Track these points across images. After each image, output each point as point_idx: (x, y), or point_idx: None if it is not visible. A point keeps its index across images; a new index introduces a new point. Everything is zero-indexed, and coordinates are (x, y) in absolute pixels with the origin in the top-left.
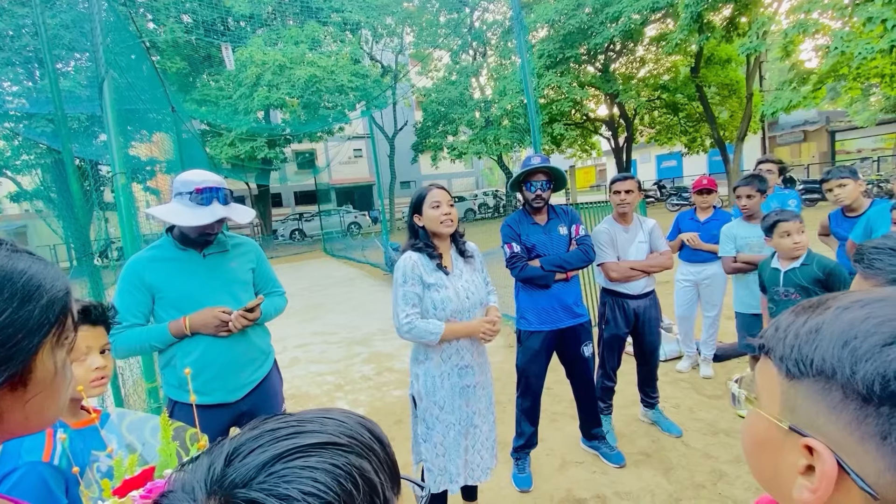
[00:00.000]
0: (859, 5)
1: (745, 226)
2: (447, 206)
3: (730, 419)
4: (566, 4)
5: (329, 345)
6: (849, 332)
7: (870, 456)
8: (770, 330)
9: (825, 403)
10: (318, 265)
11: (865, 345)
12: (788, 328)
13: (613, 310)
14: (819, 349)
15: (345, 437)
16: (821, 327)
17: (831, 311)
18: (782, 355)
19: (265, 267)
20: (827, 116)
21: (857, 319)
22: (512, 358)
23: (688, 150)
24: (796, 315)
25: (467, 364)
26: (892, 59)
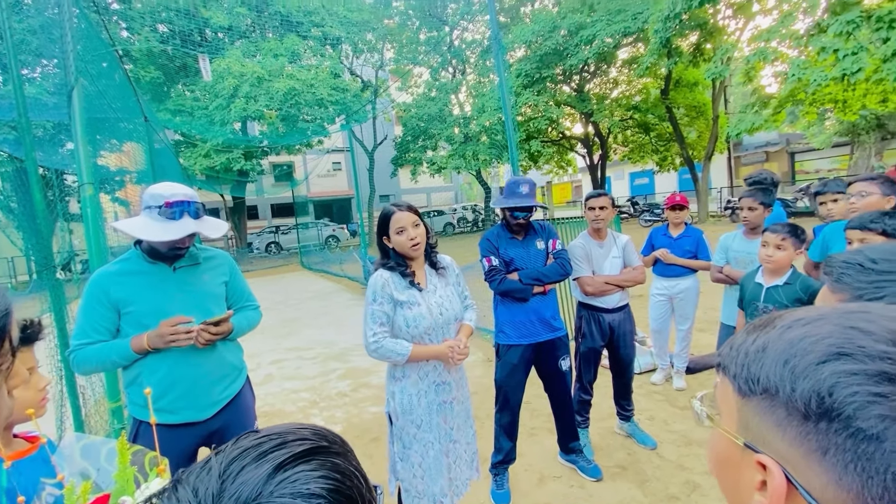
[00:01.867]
0: (814, 36)
1: (741, 240)
2: (412, 228)
3: (702, 431)
4: (542, 26)
5: (304, 360)
6: (789, 351)
7: (814, 471)
8: (725, 348)
9: (772, 420)
10: (295, 279)
11: (802, 363)
12: (741, 347)
13: (589, 323)
14: (764, 367)
15: (326, 441)
16: (767, 346)
17: (776, 329)
18: (735, 373)
19: (238, 280)
20: (787, 138)
21: (796, 338)
22: (490, 372)
23: (659, 168)
24: (748, 333)
25: (444, 380)
26: (843, 87)
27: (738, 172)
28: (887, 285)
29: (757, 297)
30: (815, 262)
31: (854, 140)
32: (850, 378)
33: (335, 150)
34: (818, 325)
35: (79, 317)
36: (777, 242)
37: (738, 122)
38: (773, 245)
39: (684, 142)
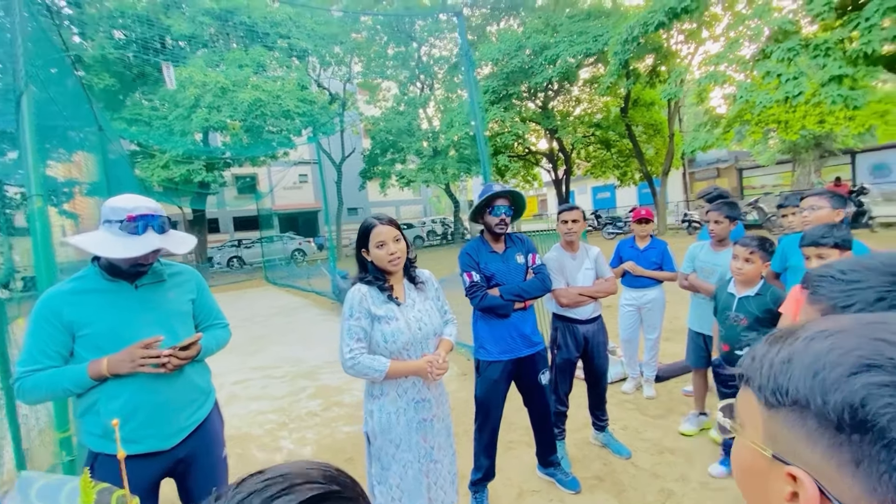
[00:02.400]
0: (759, 61)
1: (708, 251)
2: (393, 243)
3: (673, 438)
4: (508, 45)
5: (272, 379)
6: (817, 363)
7: (846, 482)
8: (747, 359)
9: (803, 432)
10: (259, 294)
11: (833, 375)
12: (763, 358)
13: (564, 335)
14: (792, 379)
15: (336, 484)
16: (792, 357)
17: (800, 341)
18: (760, 385)
19: (206, 297)
20: (735, 156)
21: (823, 350)
22: (466, 386)
23: (620, 183)
24: (770, 345)
25: (424, 397)
26: (785, 108)
27: (692, 187)
28: (856, 293)
29: (729, 307)
30: (775, 273)
31: (795, 158)
32: (881, 389)
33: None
34: (843, 337)
35: (26, 341)
36: (746, 255)
37: (692, 140)
38: (742, 258)
39: (643, 158)
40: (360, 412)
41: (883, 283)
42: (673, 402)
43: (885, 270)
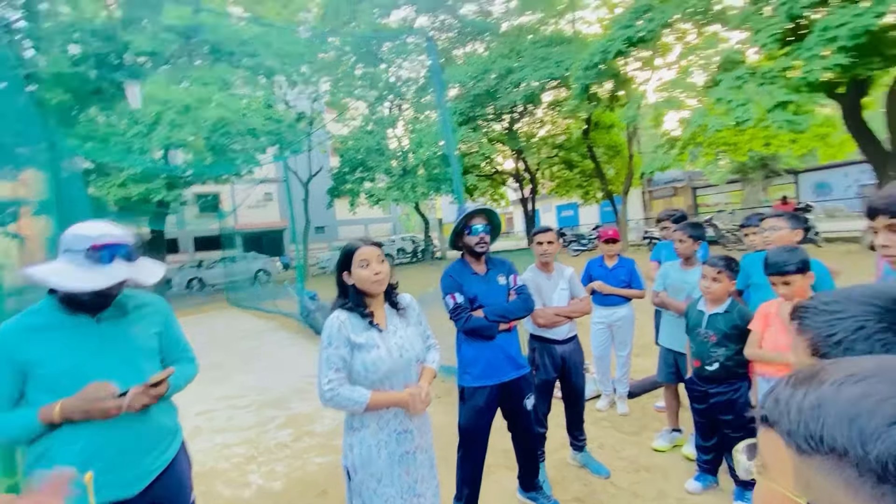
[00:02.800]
0: (710, 88)
1: (678, 270)
2: (377, 263)
3: (648, 455)
4: (475, 69)
5: (237, 410)
6: (852, 410)
7: None
8: (769, 402)
9: (841, 481)
10: (221, 318)
11: (871, 424)
12: (790, 402)
13: (542, 355)
14: (826, 426)
15: None
16: (822, 403)
17: (827, 385)
18: (790, 430)
19: (174, 330)
20: (690, 175)
21: (856, 396)
22: (444, 410)
23: (583, 202)
24: (793, 387)
25: (406, 428)
26: (735, 132)
27: (651, 205)
28: (838, 323)
29: (699, 324)
30: (737, 290)
31: (744, 177)
32: None
33: (267, 180)
34: (874, 384)
35: None
36: (713, 275)
37: (650, 162)
38: (710, 277)
39: (605, 177)
40: (333, 442)
41: (861, 312)
42: (646, 419)
43: (862, 301)
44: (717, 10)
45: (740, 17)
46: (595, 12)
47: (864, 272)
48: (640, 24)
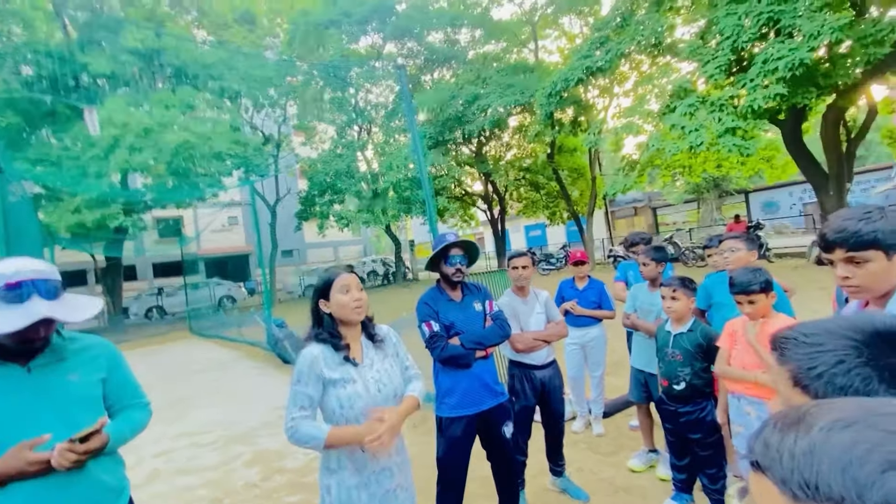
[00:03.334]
0: (665, 115)
1: (645, 292)
2: (357, 290)
3: (625, 476)
4: (443, 95)
5: (200, 448)
6: (845, 458)
7: None
8: (759, 446)
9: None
10: (183, 348)
11: (864, 472)
12: (780, 448)
13: (522, 381)
14: (821, 474)
15: None
16: (814, 450)
17: (816, 430)
18: (784, 478)
19: (122, 373)
20: (649, 196)
21: (847, 443)
22: (418, 441)
23: (550, 222)
24: (782, 432)
25: (384, 466)
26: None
27: (614, 225)
28: (818, 356)
29: (667, 344)
30: (700, 310)
31: (699, 197)
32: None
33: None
34: (862, 431)
35: None
36: (671, 294)
37: (612, 184)
38: (668, 297)
39: (570, 199)
40: (305, 479)
41: (841, 346)
42: (622, 438)
43: (842, 334)
44: (668, 42)
45: (689, 49)
46: (555, 42)
47: (813, 286)
48: (598, 55)
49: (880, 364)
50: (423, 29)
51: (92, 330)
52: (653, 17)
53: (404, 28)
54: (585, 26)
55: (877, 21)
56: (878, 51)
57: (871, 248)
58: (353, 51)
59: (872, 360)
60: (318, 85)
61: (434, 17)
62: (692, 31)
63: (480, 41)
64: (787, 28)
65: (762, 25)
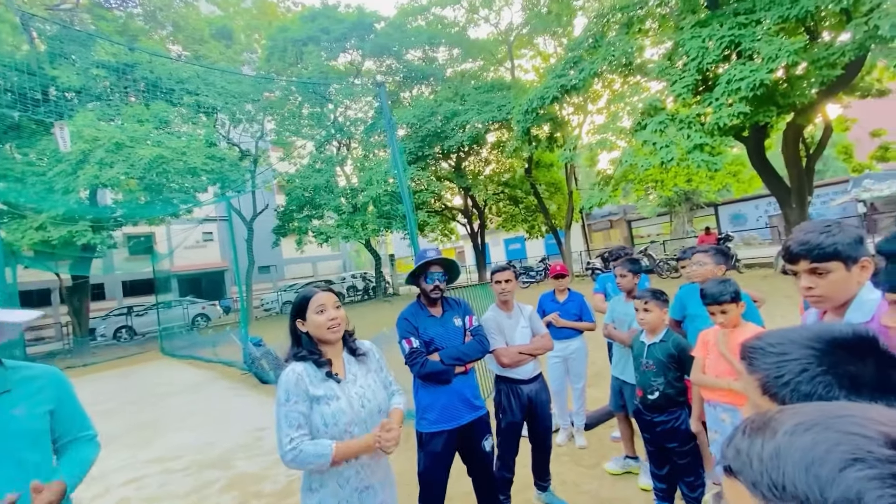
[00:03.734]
0: (637, 131)
1: (622, 303)
2: (333, 309)
3: (608, 487)
4: (422, 111)
5: (172, 474)
6: (807, 458)
7: None
8: (731, 452)
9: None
10: (154, 369)
11: (825, 470)
12: (750, 453)
13: (509, 397)
14: (787, 475)
15: None
16: (779, 453)
17: (781, 434)
18: (754, 481)
19: (70, 404)
20: (624, 209)
21: (808, 445)
22: (401, 458)
23: (529, 235)
24: (750, 438)
25: (368, 484)
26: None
27: (591, 237)
28: (784, 365)
29: (642, 354)
30: (675, 320)
31: (671, 210)
32: (872, 483)
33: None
34: (820, 432)
35: None
36: (643, 307)
37: (588, 198)
38: (641, 309)
39: (548, 212)
40: (285, 501)
41: (804, 355)
42: (604, 450)
43: (805, 344)
44: (638, 63)
45: (657, 69)
46: (531, 61)
47: (779, 294)
48: (572, 74)
49: (839, 372)
50: (402, 47)
51: (54, 353)
52: (623, 39)
53: (383, 46)
54: (559, 46)
55: (829, 45)
56: (830, 73)
57: (832, 259)
58: (331, 67)
59: (832, 368)
60: (297, 100)
61: (412, 36)
62: (660, 52)
63: (458, 59)
64: (748, 51)
65: (724, 48)
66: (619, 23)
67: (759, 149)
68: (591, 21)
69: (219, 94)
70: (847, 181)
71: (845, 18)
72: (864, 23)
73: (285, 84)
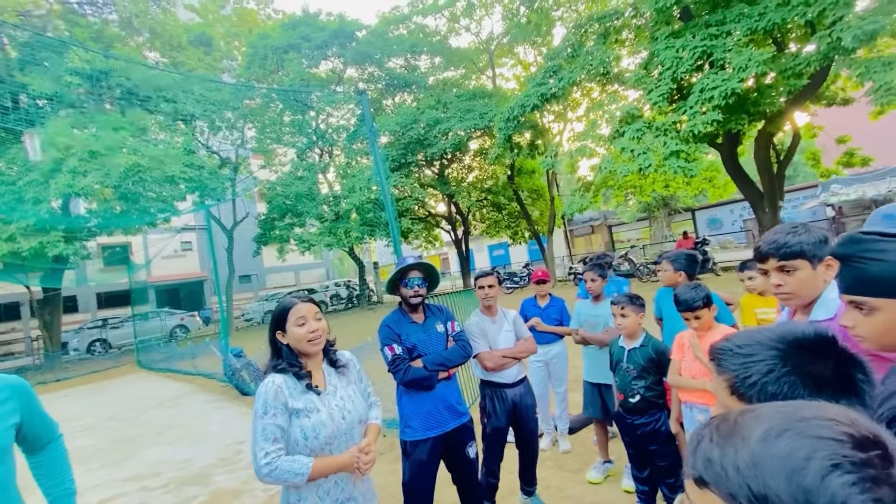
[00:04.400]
0: (615, 139)
1: (589, 306)
2: (314, 321)
3: (593, 492)
4: (405, 118)
5: (150, 492)
6: (787, 467)
7: None
8: (700, 462)
9: None
10: (130, 383)
11: (807, 479)
12: (724, 463)
13: (493, 401)
14: (768, 486)
15: None
16: (756, 462)
17: (753, 441)
18: (732, 493)
19: (37, 413)
20: (605, 215)
21: (785, 453)
22: (385, 469)
23: (512, 241)
24: (720, 446)
25: (349, 496)
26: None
27: (573, 242)
28: (751, 366)
29: (622, 359)
30: (658, 318)
31: (650, 215)
32: (853, 488)
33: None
34: (794, 439)
35: None
36: (620, 312)
37: (569, 204)
38: (618, 315)
39: (530, 218)
40: None
41: (769, 356)
42: (587, 454)
43: (770, 345)
44: (615, 72)
45: (634, 78)
46: (511, 70)
47: None
48: (551, 83)
49: (803, 372)
50: (384, 55)
51: (25, 368)
52: (600, 49)
53: (365, 54)
54: (539, 55)
55: (795, 56)
56: (797, 82)
57: (798, 258)
58: (313, 75)
59: (796, 369)
60: (278, 108)
61: (394, 44)
62: (636, 61)
63: (440, 68)
64: (720, 61)
65: (697, 58)
66: (596, 33)
67: (732, 155)
68: (569, 31)
69: (197, 101)
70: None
71: (810, 30)
72: (828, 34)
73: (266, 91)
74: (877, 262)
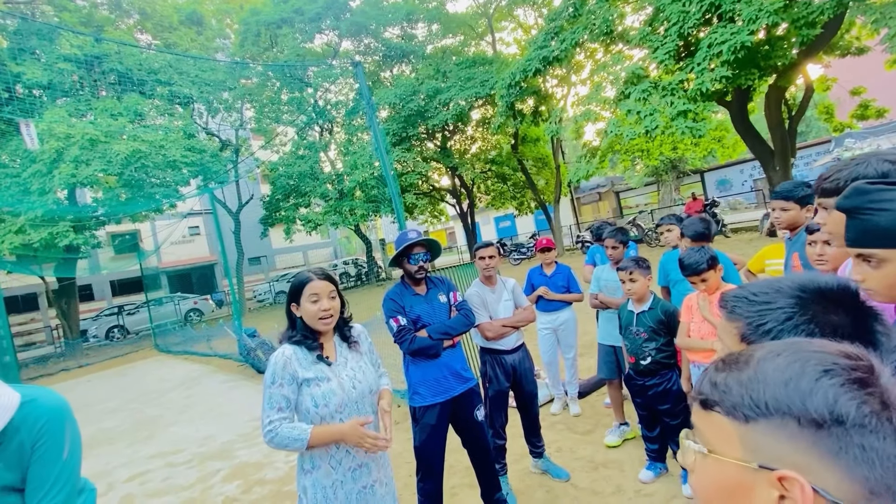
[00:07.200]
0: (620, 101)
1: (609, 271)
2: (327, 299)
3: (603, 451)
4: (404, 90)
5: (175, 467)
6: (785, 375)
7: (829, 471)
8: (705, 387)
9: (784, 435)
10: (150, 366)
11: (802, 383)
12: (728, 381)
13: (493, 367)
14: (768, 392)
15: None
16: (759, 375)
17: (755, 361)
18: (734, 404)
19: (48, 464)
20: (612, 181)
21: (783, 365)
22: (399, 438)
23: (518, 212)
24: (726, 372)
25: (361, 463)
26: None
27: (580, 211)
28: (768, 313)
29: (631, 322)
30: (663, 287)
31: (658, 179)
32: (844, 387)
33: (192, 213)
34: (792, 354)
35: None
36: (627, 277)
37: (575, 171)
38: (626, 280)
39: (536, 188)
40: (287, 487)
41: (789, 304)
42: (598, 416)
43: (790, 293)
44: (619, 30)
45: (639, 36)
46: (512, 34)
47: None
48: (553, 45)
49: (822, 321)
50: (379, 25)
51: (47, 357)
52: (603, 7)
53: (360, 24)
54: (540, 17)
55: (808, 4)
56: (810, 32)
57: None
58: (308, 49)
59: (816, 317)
60: (275, 86)
61: (389, 13)
62: (641, 18)
63: (438, 35)
64: (729, 13)
65: (705, 11)
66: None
67: (742, 113)
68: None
69: (193, 83)
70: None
71: None
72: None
73: (261, 69)
74: (885, 213)
